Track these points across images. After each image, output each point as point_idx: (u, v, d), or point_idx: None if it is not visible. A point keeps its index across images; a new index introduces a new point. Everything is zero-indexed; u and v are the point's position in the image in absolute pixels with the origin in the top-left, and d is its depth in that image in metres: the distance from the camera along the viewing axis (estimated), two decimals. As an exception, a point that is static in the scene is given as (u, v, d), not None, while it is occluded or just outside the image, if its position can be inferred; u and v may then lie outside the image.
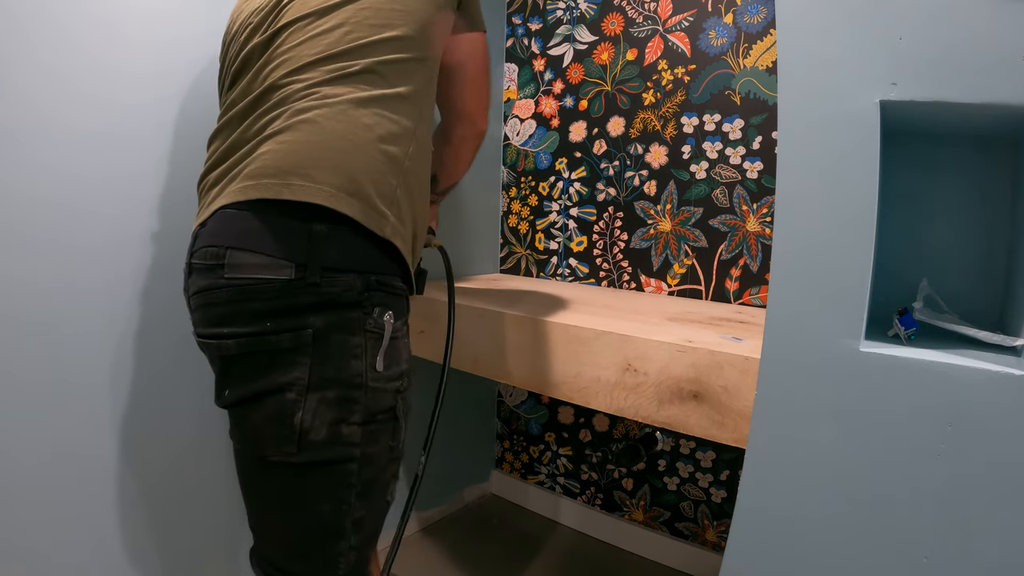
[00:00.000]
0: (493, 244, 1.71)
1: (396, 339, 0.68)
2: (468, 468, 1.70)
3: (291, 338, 0.61)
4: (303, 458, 0.63)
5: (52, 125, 0.85)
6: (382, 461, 0.69)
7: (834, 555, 0.65)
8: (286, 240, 0.61)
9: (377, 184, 0.65)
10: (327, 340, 0.62)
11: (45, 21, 0.83)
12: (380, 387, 0.66)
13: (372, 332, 0.65)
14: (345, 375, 0.63)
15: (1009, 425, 0.56)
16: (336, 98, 0.66)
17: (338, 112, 0.65)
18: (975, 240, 0.77)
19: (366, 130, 0.66)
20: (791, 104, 0.65)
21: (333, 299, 0.62)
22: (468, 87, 0.86)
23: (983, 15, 0.55)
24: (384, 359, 0.65)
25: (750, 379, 0.75)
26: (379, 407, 0.66)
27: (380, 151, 0.66)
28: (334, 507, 0.65)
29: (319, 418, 0.62)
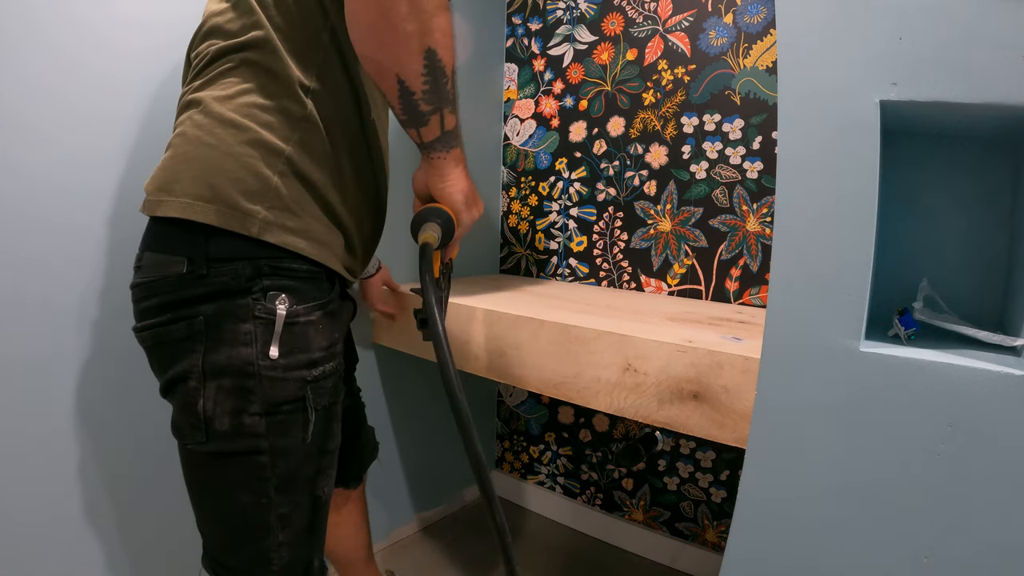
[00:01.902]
0: (493, 244, 1.71)
1: (297, 324, 0.65)
2: (468, 468, 1.70)
3: (185, 327, 0.62)
4: (212, 447, 0.64)
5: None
6: (298, 455, 0.66)
7: (834, 555, 0.65)
8: (178, 239, 0.63)
9: (242, 182, 0.62)
10: (218, 327, 0.62)
11: (27, 25, 0.83)
12: (277, 376, 0.64)
13: (261, 318, 0.63)
14: (236, 363, 0.62)
15: (1009, 425, 0.56)
16: (202, 105, 0.65)
17: (202, 118, 0.64)
18: (975, 240, 0.77)
19: (229, 127, 0.63)
20: (791, 104, 0.65)
21: (223, 288, 0.62)
22: None
23: (983, 15, 0.55)
24: (281, 346, 0.63)
25: (750, 379, 0.75)
26: (281, 397, 0.64)
27: (247, 145, 0.63)
28: (254, 500, 0.65)
29: (220, 406, 0.62)
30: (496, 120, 1.66)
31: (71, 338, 0.89)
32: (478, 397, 1.72)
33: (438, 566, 1.40)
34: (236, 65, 0.65)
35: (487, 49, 1.60)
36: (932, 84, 0.58)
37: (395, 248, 1.33)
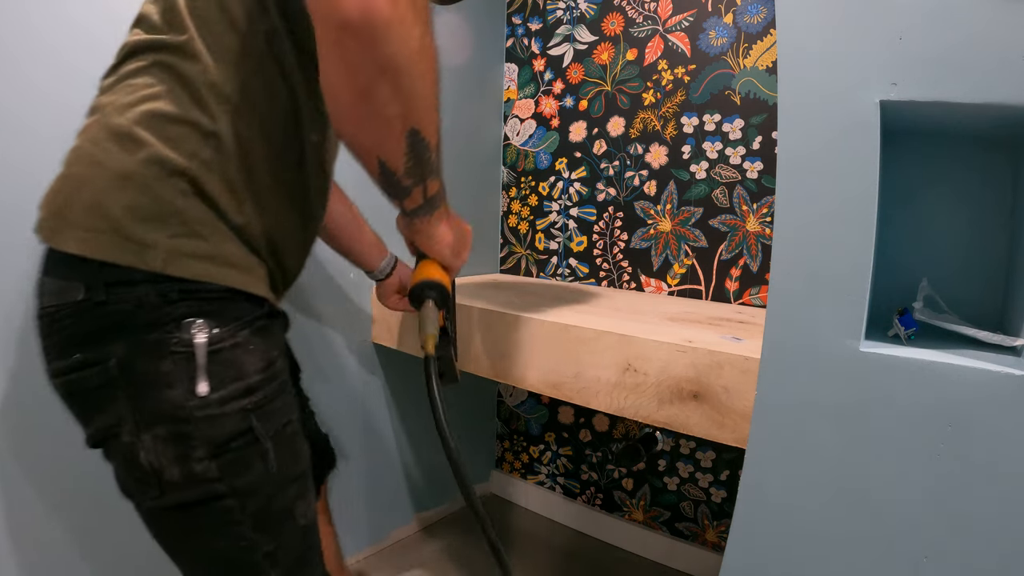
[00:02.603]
0: (493, 244, 1.71)
1: (223, 351, 0.55)
2: (468, 468, 1.70)
3: (98, 373, 0.54)
4: (171, 500, 0.56)
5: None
6: (265, 489, 0.59)
7: (834, 555, 0.65)
8: (74, 262, 0.54)
9: (139, 209, 0.53)
10: (134, 370, 0.53)
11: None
12: (213, 414, 0.55)
13: (179, 352, 0.54)
14: (165, 409, 0.54)
15: (1009, 425, 0.56)
16: (101, 113, 0.57)
17: (98, 130, 0.56)
18: (975, 240, 0.77)
19: (125, 142, 0.54)
20: (791, 104, 0.65)
21: (127, 319, 0.53)
22: None
23: (983, 15, 0.55)
24: (210, 379, 0.54)
25: (750, 379, 0.75)
26: (224, 436, 0.55)
27: (144, 164, 0.53)
28: (234, 545, 0.59)
29: (163, 456, 0.54)
30: (496, 120, 1.66)
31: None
32: (478, 397, 1.72)
33: (438, 566, 1.40)
34: (148, 65, 0.56)
35: (487, 49, 1.60)
36: (932, 84, 0.58)
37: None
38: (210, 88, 0.56)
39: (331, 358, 1.30)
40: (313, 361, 1.25)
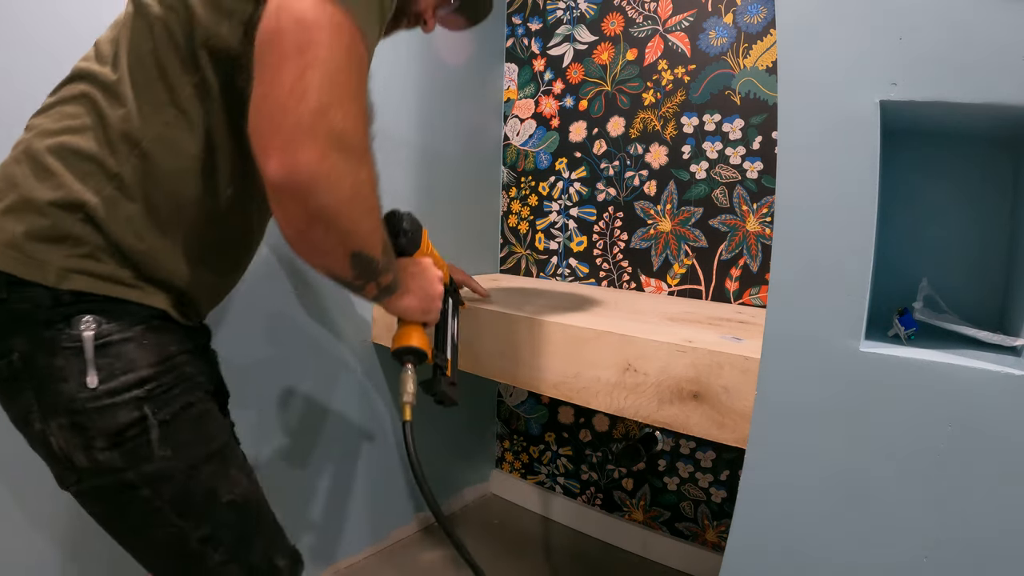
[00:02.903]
0: (493, 244, 1.71)
1: (111, 344, 0.57)
2: (468, 468, 1.70)
3: (5, 366, 0.56)
4: (88, 484, 0.58)
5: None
6: (178, 474, 0.59)
7: (834, 555, 0.65)
8: None
9: (38, 231, 0.55)
10: (34, 364, 0.56)
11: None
12: (105, 405, 0.56)
13: (69, 348, 0.55)
14: (62, 401, 0.56)
15: (1009, 425, 0.56)
16: (30, 134, 0.60)
17: (23, 150, 0.58)
18: (975, 240, 0.77)
19: (40, 170, 0.56)
20: (791, 104, 0.65)
21: (26, 316, 0.55)
22: (263, 81, 0.50)
23: (983, 15, 0.55)
24: (99, 372, 0.56)
25: (750, 379, 0.75)
26: (118, 426, 0.57)
27: (50, 190, 0.56)
28: (164, 532, 0.60)
29: (70, 443, 0.57)
30: (496, 120, 1.66)
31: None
32: (478, 397, 1.72)
33: (438, 566, 1.40)
34: (79, 96, 0.59)
35: (487, 49, 1.60)
36: (932, 84, 0.58)
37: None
38: (124, 136, 0.57)
39: (331, 358, 1.30)
40: (313, 361, 1.25)
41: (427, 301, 0.77)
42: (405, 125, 1.40)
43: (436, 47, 1.44)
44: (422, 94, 1.42)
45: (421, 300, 0.76)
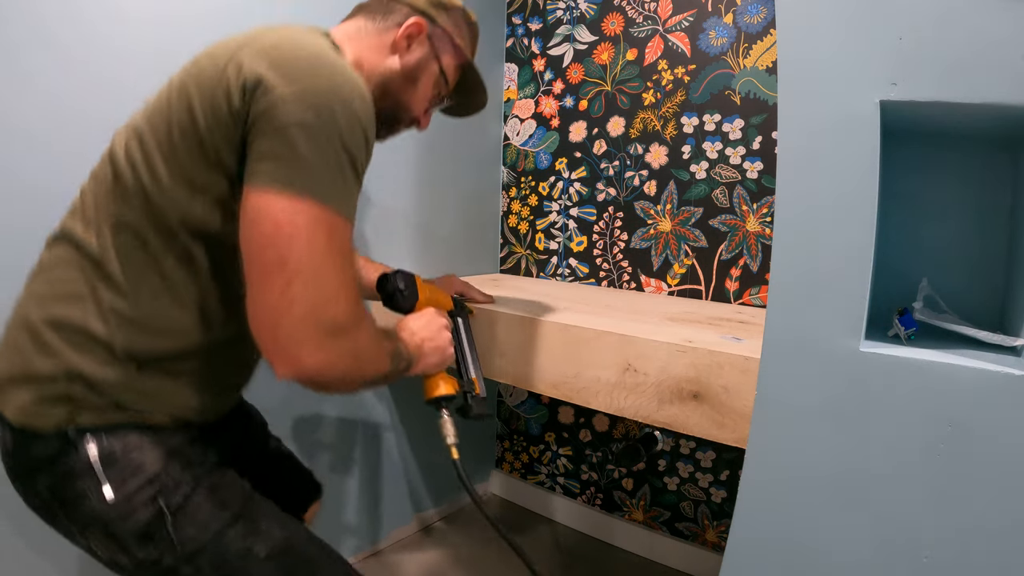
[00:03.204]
0: (493, 244, 1.71)
1: (117, 457, 0.60)
2: (468, 468, 1.70)
3: (35, 498, 0.62)
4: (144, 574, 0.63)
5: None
6: (208, 546, 0.63)
7: (834, 555, 0.65)
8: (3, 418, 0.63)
9: (45, 398, 0.59)
10: (59, 492, 0.60)
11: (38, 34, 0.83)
12: (125, 511, 0.60)
13: (83, 470, 0.59)
14: (90, 517, 0.60)
15: (1009, 425, 0.56)
16: (28, 299, 0.63)
17: (23, 317, 0.62)
18: (975, 240, 0.77)
19: (39, 344, 0.60)
20: (791, 104, 0.65)
21: (44, 458, 0.60)
22: (252, 289, 0.55)
23: (983, 15, 0.55)
24: (112, 484, 0.59)
25: (750, 379, 0.75)
26: (141, 525, 0.60)
27: (53, 367, 0.59)
28: None
29: (110, 549, 0.61)
30: (496, 120, 1.66)
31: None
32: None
33: (437, 566, 1.40)
34: (71, 262, 0.61)
35: (487, 49, 1.60)
36: (932, 84, 0.58)
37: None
38: (115, 311, 0.60)
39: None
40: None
41: (440, 353, 0.82)
42: (405, 125, 1.40)
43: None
44: (422, 94, 1.42)
45: (436, 355, 0.81)
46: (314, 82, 0.55)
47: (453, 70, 0.81)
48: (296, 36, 0.60)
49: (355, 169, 0.58)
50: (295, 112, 0.53)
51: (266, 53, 0.57)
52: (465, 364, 0.95)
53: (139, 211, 0.60)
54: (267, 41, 0.58)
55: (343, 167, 0.56)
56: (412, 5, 0.76)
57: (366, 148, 0.59)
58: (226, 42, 0.61)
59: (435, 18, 0.77)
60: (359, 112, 0.57)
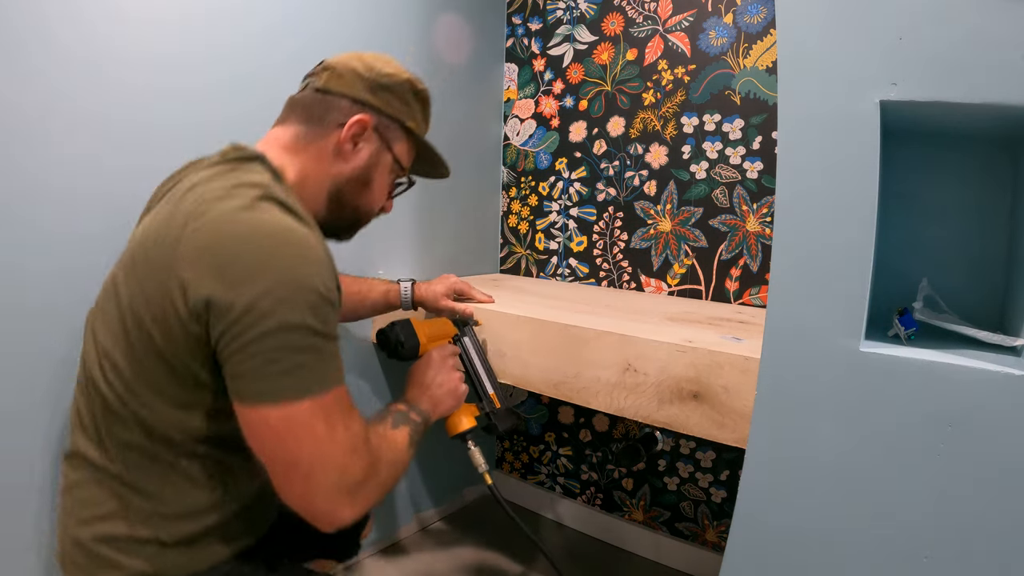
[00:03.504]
0: (493, 244, 1.71)
1: None
2: (468, 468, 1.69)
3: None
4: None
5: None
6: None
7: (834, 554, 0.65)
8: None
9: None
10: None
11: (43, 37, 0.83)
12: None
13: None
14: None
15: (1009, 425, 0.56)
16: (61, 527, 0.65)
17: (69, 543, 0.64)
18: (975, 240, 0.77)
19: (97, 561, 0.62)
20: (791, 104, 0.65)
21: None
22: (276, 482, 0.59)
23: (983, 15, 0.55)
24: None
25: (750, 379, 0.75)
26: None
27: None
28: None
29: None
30: (496, 120, 1.66)
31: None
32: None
33: (437, 566, 1.40)
34: (91, 482, 0.63)
35: (487, 49, 1.60)
36: (932, 84, 0.58)
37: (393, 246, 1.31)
38: (150, 514, 0.62)
39: (331, 358, 1.30)
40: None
41: (452, 395, 0.86)
42: (405, 125, 1.40)
43: (436, 47, 1.44)
44: (422, 94, 1.42)
45: (449, 398, 0.85)
46: (265, 284, 0.53)
47: (408, 153, 0.78)
48: (231, 220, 0.56)
49: (330, 336, 0.58)
50: (255, 325, 0.53)
51: (205, 264, 0.54)
52: (480, 382, 0.97)
53: (140, 433, 0.61)
54: (201, 241, 0.55)
55: (319, 348, 0.56)
56: (350, 97, 0.70)
57: (333, 305, 0.59)
58: (159, 234, 0.58)
59: (379, 107, 0.72)
60: (318, 283, 0.56)
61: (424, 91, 0.78)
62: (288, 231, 0.57)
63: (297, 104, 0.72)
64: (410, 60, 1.38)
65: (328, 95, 0.70)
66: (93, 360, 0.63)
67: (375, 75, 0.72)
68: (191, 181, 0.62)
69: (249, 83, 1.06)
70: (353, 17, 1.24)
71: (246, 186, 0.59)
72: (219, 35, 1.02)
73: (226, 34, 1.03)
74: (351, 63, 0.72)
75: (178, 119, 0.98)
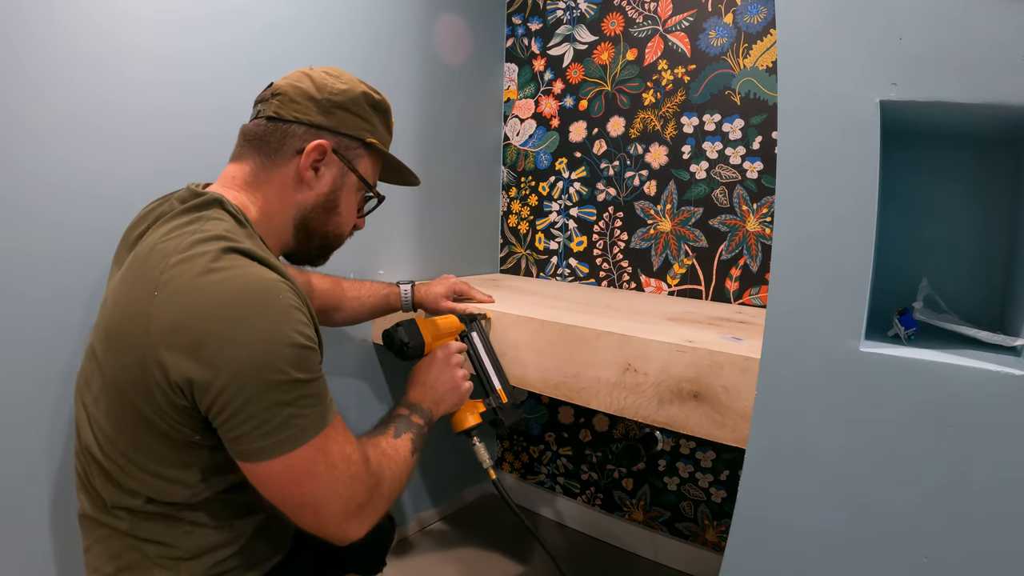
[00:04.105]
0: (493, 244, 1.71)
1: None
2: (468, 468, 1.70)
3: None
4: None
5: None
6: None
7: (834, 554, 0.65)
8: None
9: None
10: None
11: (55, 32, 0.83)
12: None
13: None
14: None
15: (1009, 425, 0.56)
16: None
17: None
18: (975, 240, 0.77)
19: None
20: (791, 104, 0.65)
21: None
22: (290, 518, 0.61)
23: (983, 15, 0.55)
24: None
25: (750, 379, 0.75)
26: None
27: None
28: None
29: None
30: (496, 120, 1.66)
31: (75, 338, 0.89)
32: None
33: (437, 566, 1.40)
34: (113, 536, 0.63)
35: (487, 49, 1.60)
36: (932, 84, 0.58)
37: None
38: (169, 559, 0.63)
39: (331, 358, 1.29)
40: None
41: (455, 392, 0.87)
42: (405, 125, 1.40)
43: (436, 47, 1.44)
44: (422, 94, 1.42)
45: (452, 396, 0.86)
46: (241, 353, 0.53)
47: (372, 169, 0.76)
48: (195, 289, 0.55)
49: (314, 379, 0.58)
50: (241, 393, 0.53)
51: (180, 344, 0.54)
52: (487, 378, 0.97)
53: (142, 500, 0.62)
54: (170, 317, 0.54)
55: (307, 395, 0.57)
56: (305, 122, 0.67)
57: (313, 348, 0.58)
58: (129, 306, 0.58)
59: (336, 128, 0.69)
60: (294, 336, 0.56)
61: (381, 101, 0.74)
62: (255, 287, 0.56)
63: (250, 135, 0.69)
64: (410, 59, 1.38)
65: (281, 123, 0.67)
66: (86, 427, 0.63)
67: (328, 94, 0.68)
68: (152, 240, 0.60)
69: (248, 82, 1.05)
70: (353, 18, 1.24)
71: (206, 240, 0.58)
72: (219, 36, 1.02)
73: (226, 33, 1.03)
74: (301, 84, 0.68)
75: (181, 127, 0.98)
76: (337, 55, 1.22)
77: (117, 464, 0.61)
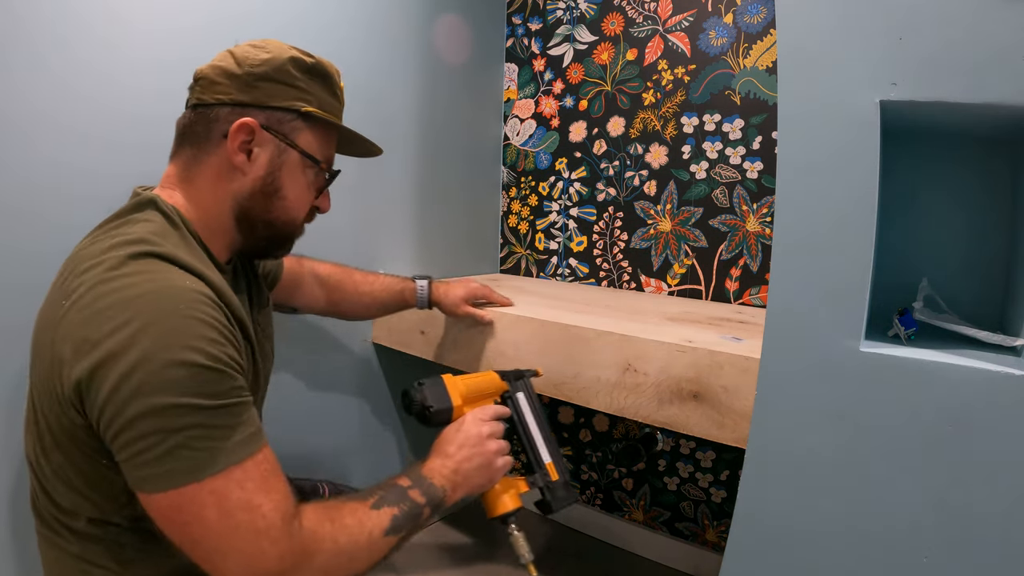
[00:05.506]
0: (493, 244, 1.71)
1: None
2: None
3: None
4: None
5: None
6: None
7: (834, 554, 0.65)
8: None
9: None
10: None
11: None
12: None
13: None
14: None
15: (1009, 425, 0.56)
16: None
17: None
18: (975, 240, 0.77)
19: None
20: (791, 104, 0.65)
21: None
22: (191, 557, 0.53)
23: (983, 15, 0.55)
24: None
25: (750, 379, 0.75)
26: None
27: None
28: None
29: None
30: (496, 120, 1.66)
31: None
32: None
33: (437, 566, 1.40)
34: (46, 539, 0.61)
35: (487, 49, 1.60)
36: (932, 84, 0.58)
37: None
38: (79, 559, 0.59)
39: (331, 358, 1.30)
40: (313, 361, 1.25)
41: (486, 471, 0.75)
42: (405, 125, 1.40)
43: (436, 47, 1.44)
44: (422, 94, 1.42)
45: (480, 475, 0.74)
46: (120, 367, 0.48)
47: (318, 141, 0.67)
48: (94, 294, 0.51)
49: (222, 406, 0.51)
50: (120, 414, 0.48)
51: (72, 354, 0.50)
52: (534, 450, 0.81)
53: (83, 521, 0.58)
54: (68, 329, 0.50)
55: (203, 425, 0.49)
56: (227, 102, 0.61)
57: (222, 370, 0.51)
58: (45, 317, 0.55)
59: (262, 102, 0.62)
60: (190, 356, 0.49)
61: (318, 64, 0.66)
62: (151, 296, 0.50)
63: (179, 129, 0.64)
64: (410, 59, 1.38)
65: (205, 108, 0.62)
66: (30, 450, 0.60)
67: (249, 67, 0.61)
68: (77, 247, 0.57)
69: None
70: (353, 17, 1.24)
71: (121, 245, 0.53)
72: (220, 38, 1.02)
73: (228, 40, 1.03)
74: (222, 63, 0.62)
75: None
76: (338, 57, 1.21)
77: (54, 486, 0.57)
